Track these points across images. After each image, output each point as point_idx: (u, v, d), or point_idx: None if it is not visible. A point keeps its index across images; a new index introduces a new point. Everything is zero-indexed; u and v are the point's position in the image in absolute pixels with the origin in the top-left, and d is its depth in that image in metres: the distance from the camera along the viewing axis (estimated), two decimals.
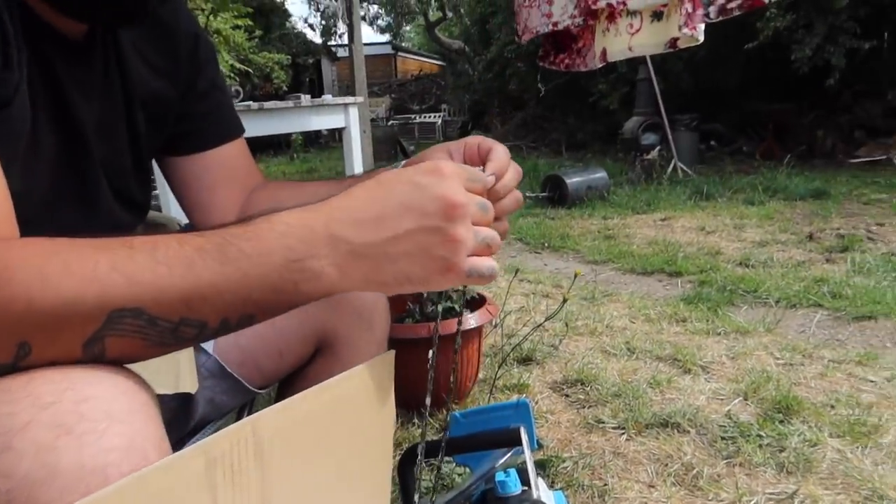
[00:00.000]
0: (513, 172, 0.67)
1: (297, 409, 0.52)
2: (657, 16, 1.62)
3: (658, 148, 6.36)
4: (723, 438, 1.64)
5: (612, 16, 1.77)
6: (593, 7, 1.73)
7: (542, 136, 10.17)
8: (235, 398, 0.95)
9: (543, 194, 5.43)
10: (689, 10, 1.46)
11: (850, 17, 6.20)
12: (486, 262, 0.52)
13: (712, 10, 1.45)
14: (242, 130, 0.99)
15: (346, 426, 0.58)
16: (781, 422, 1.70)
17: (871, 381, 1.94)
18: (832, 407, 1.78)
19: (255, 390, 0.95)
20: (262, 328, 0.93)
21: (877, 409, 1.76)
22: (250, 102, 2.61)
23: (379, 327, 1.03)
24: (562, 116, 10.19)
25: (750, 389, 1.88)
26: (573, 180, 5.27)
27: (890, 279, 2.89)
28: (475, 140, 0.82)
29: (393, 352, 0.65)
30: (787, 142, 7.23)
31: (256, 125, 2.62)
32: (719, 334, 2.37)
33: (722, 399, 1.86)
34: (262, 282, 0.49)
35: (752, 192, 5.19)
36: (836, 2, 5.93)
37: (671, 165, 6.24)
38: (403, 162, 0.92)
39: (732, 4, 1.41)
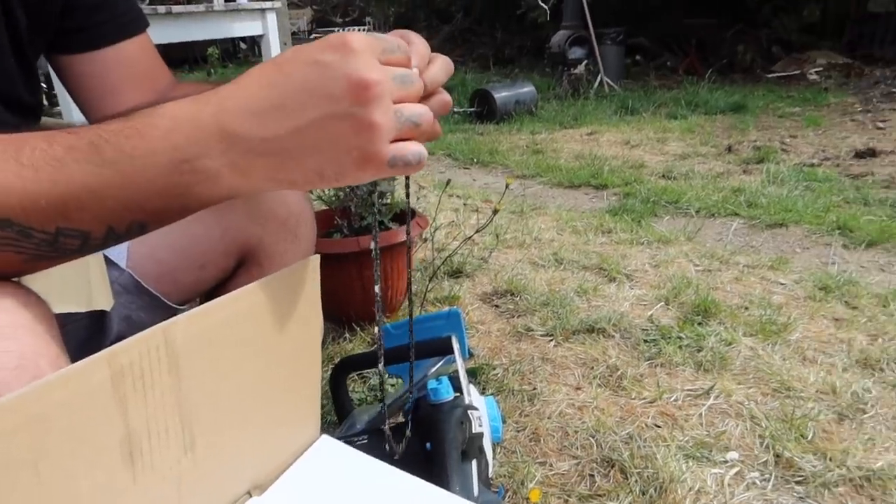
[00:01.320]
0: (441, 63, 0.53)
1: (214, 316, 0.48)
2: None
3: (585, 62, 6.34)
4: (645, 341, 1.70)
5: None
6: None
7: (469, 51, 9.96)
8: (154, 315, 0.90)
9: (472, 109, 5.36)
10: None
11: None
12: (410, 147, 0.45)
13: None
14: (145, 24, 0.89)
15: (268, 333, 0.55)
16: (700, 324, 1.77)
17: (782, 284, 2.05)
18: (746, 309, 1.87)
19: (175, 306, 0.91)
20: (179, 240, 0.88)
21: (786, 309, 1.86)
22: (157, 6, 2.40)
23: (305, 238, 0.99)
24: (490, 30, 9.97)
25: (671, 295, 1.96)
26: (501, 95, 5.21)
27: (801, 188, 3.02)
28: (396, 34, 0.77)
29: (317, 256, 0.62)
30: (709, 57, 7.33)
31: (164, 32, 2.42)
32: (643, 244, 2.43)
33: (645, 304, 1.93)
34: (148, 186, 0.43)
35: (675, 106, 5.27)
36: None
37: (598, 80, 6.25)
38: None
39: None
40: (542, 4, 7.15)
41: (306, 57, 0.43)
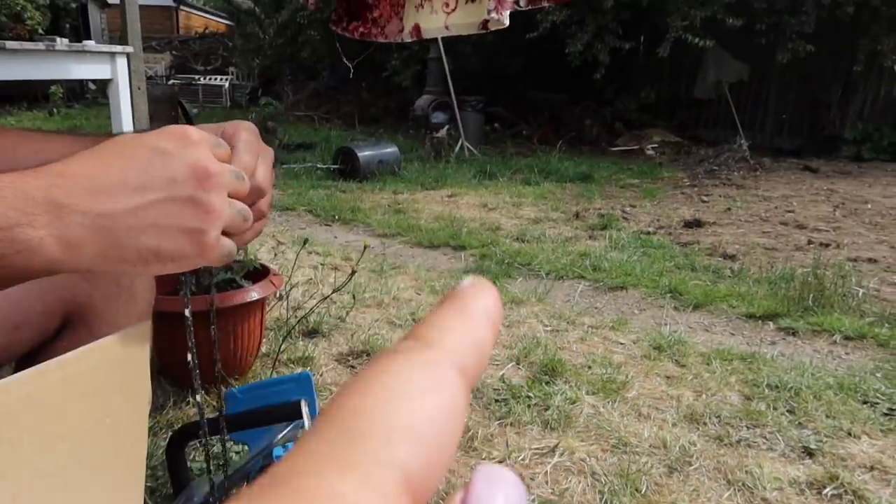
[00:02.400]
0: (266, 169, 0.54)
1: (23, 388, 0.45)
2: None
3: (447, 127, 6.59)
4: (496, 401, 1.75)
5: None
6: None
7: (335, 108, 10.05)
8: None
9: (335, 166, 5.38)
10: None
11: (614, 19, 6.89)
12: (228, 242, 0.47)
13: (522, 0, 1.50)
14: None
15: (86, 408, 0.51)
16: (547, 383, 1.85)
17: (622, 344, 2.20)
18: (589, 367, 1.98)
19: None
20: None
21: (624, 367, 1.99)
22: None
23: (141, 298, 0.94)
24: (355, 90, 10.14)
25: (522, 354, 2.03)
26: (365, 153, 5.27)
27: (639, 254, 3.29)
28: (232, 129, 0.78)
29: (148, 322, 0.59)
30: (561, 129, 7.89)
31: None
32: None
33: (497, 364, 1.99)
34: None
35: (530, 172, 5.59)
36: (604, 1, 6.55)
37: (459, 144, 6.51)
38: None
39: None
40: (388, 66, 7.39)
41: (148, 143, 0.44)
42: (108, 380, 0.53)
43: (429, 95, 7.14)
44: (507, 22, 1.59)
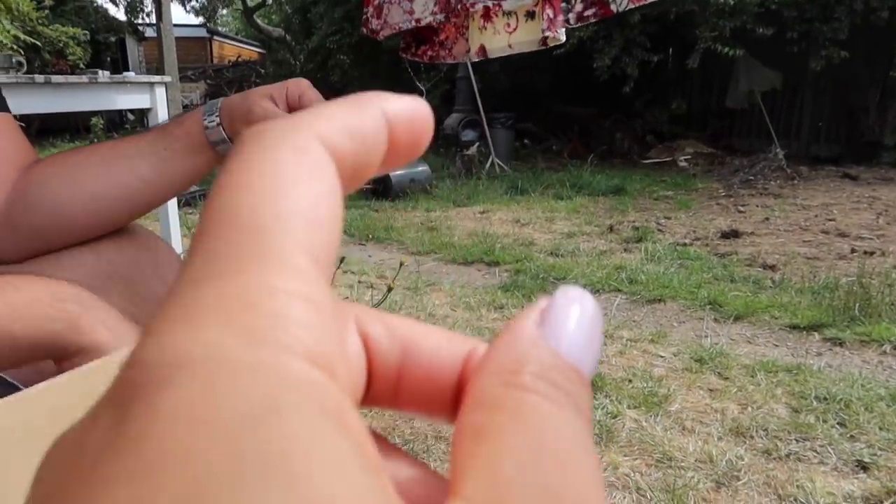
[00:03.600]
0: None
1: (47, 399, 0.45)
2: (530, 15, 1.68)
3: (477, 144, 6.62)
4: None
5: (487, 15, 1.81)
6: (471, 9, 1.75)
7: None
8: None
9: (368, 187, 5.42)
10: (551, 15, 1.54)
11: (642, 33, 6.86)
12: None
13: (571, 16, 1.54)
14: (5, 108, 0.86)
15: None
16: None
17: (661, 357, 2.16)
18: (630, 381, 1.95)
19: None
20: None
21: (666, 381, 1.96)
22: (35, 75, 2.29)
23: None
24: None
25: None
26: (397, 173, 5.31)
27: (675, 266, 3.24)
28: (297, 88, 0.80)
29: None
30: (591, 142, 7.86)
31: (43, 101, 2.30)
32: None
33: None
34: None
35: (561, 187, 5.57)
36: (631, 16, 6.54)
37: (489, 161, 6.52)
38: (219, 102, 0.84)
39: (588, 13, 1.51)
40: (419, 86, 7.46)
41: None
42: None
43: (458, 114, 7.18)
44: (563, 38, 1.61)
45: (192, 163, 0.82)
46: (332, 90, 11.73)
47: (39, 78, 2.24)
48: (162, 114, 2.63)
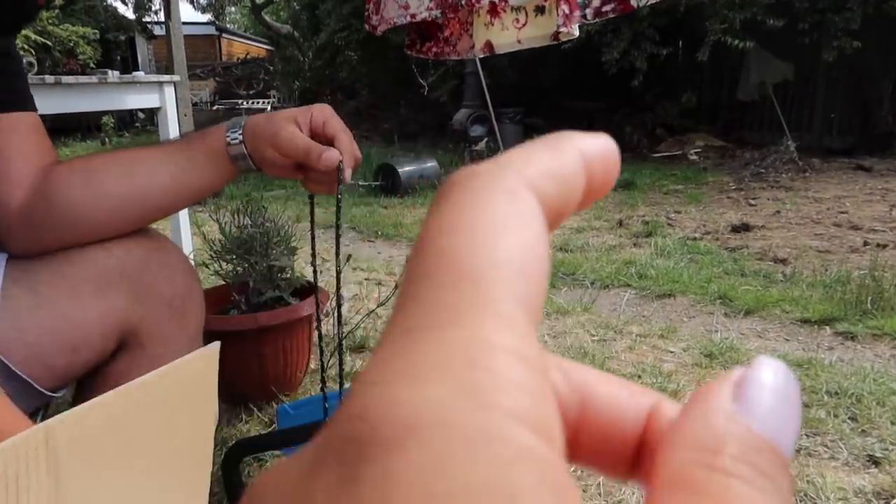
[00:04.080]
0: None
1: (101, 413, 0.46)
2: (540, 10, 1.67)
3: (486, 139, 6.61)
4: None
5: (494, 10, 1.80)
6: (476, 4, 1.75)
7: (375, 126, 10.17)
8: (22, 402, 0.84)
9: (376, 183, 5.43)
10: (567, 11, 1.53)
11: (650, 26, 6.82)
12: None
13: (588, 12, 1.53)
14: (31, 107, 0.88)
15: (157, 431, 0.52)
16: None
17: (671, 352, 2.15)
18: (639, 377, 1.95)
19: (47, 392, 0.85)
20: (51, 321, 0.84)
21: (675, 376, 1.95)
22: (45, 76, 2.31)
23: (193, 318, 0.96)
24: (394, 107, 10.25)
25: None
26: (405, 169, 5.32)
27: (686, 260, 3.23)
28: (321, 115, 0.81)
29: (217, 344, 0.61)
30: None
31: (54, 102, 2.32)
32: (543, 315, 2.50)
33: None
34: None
35: None
36: (640, 10, 6.50)
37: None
38: (243, 120, 0.86)
39: (607, 8, 1.50)
40: (421, 81, 7.45)
41: None
42: (179, 401, 0.55)
43: (466, 109, 7.17)
44: (577, 33, 1.61)
45: (211, 174, 0.85)
46: (340, 87, 11.74)
47: (49, 79, 2.26)
48: (171, 113, 2.65)
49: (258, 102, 13.68)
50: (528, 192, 0.14)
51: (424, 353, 0.12)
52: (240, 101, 13.85)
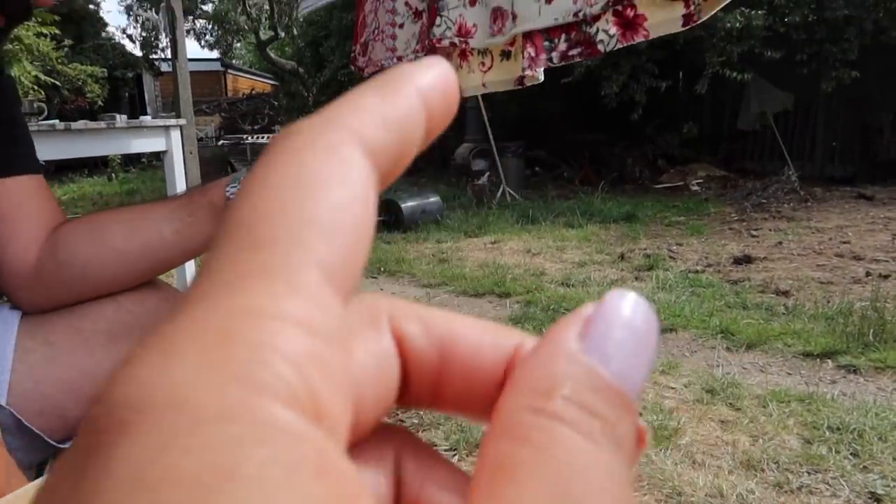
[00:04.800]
0: None
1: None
2: (505, 55, 1.71)
3: (488, 174, 6.66)
4: None
5: (463, 54, 1.85)
6: (437, 46, 1.79)
7: None
8: (32, 456, 0.86)
9: (379, 219, 5.47)
10: (532, 54, 1.56)
11: (649, 60, 6.92)
12: None
13: (555, 55, 1.55)
14: (41, 168, 0.92)
15: None
16: None
17: (672, 388, 2.15)
18: (640, 414, 1.93)
19: (58, 445, 0.86)
20: (66, 373, 0.86)
21: (676, 413, 1.95)
22: (55, 121, 2.37)
23: None
24: None
25: None
26: (408, 204, 5.36)
27: (687, 294, 3.23)
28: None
29: None
30: (602, 169, 7.88)
31: (63, 147, 2.38)
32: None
33: None
34: None
35: (572, 215, 5.58)
36: (638, 43, 6.59)
37: (500, 190, 6.56)
38: (243, 172, 0.90)
39: (573, 52, 1.53)
40: None
41: None
42: None
43: (468, 143, 7.25)
44: (541, 77, 1.64)
45: (212, 228, 0.88)
46: None
47: (59, 125, 2.32)
48: (177, 155, 2.70)
49: (263, 137, 13.84)
50: (351, 146, 0.13)
51: (186, 324, 0.11)
52: (245, 136, 14.01)
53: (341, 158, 0.13)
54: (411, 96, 0.15)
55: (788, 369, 2.32)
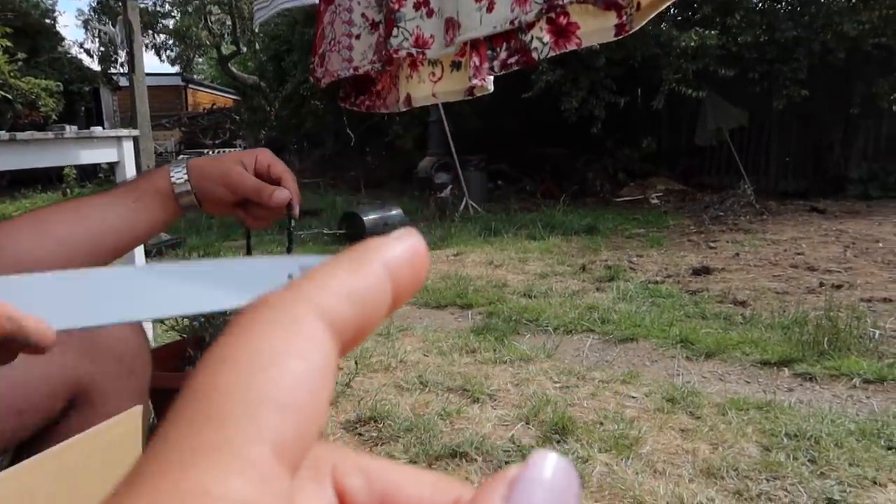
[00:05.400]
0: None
1: (22, 479, 0.44)
2: (456, 65, 1.71)
3: (450, 187, 6.67)
4: (506, 462, 1.70)
5: (413, 64, 1.84)
6: (394, 56, 1.79)
7: (340, 174, 10.21)
8: None
9: (340, 231, 5.42)
10: (477, 63, 1.57)
11: (607, 76, 7.03)
12: None
13: (496, 64, 1.56)
14: None
15: (82, 493, 0.50)
16: (558, 442, 1.81)
17: (633, 397, 2.15)
18: (601, 424, 1.94)
19: None
20: None
21: (637, 422, 1.94)
22: (1, 132, 2.28)
23: (142, 373, 0.95)
24: (360, 155, 10.32)
25: (531, 414, 1.99)
26: (370, 217, 5.33)
27: (647, 304, 3.26)
28: (265, 158, 0.86)
29: (139, 407, 0.59)
30: (563, 182, 7.96)
31: (10, 158, 2.28)
32: (505, 362, 2.49)
33: (507, 425, 1.95)
34: None
35: (534, 227, 5.61)
36: (596, 59, 6.71)
37: (463, 203, 6.56)
38: (186, 159, 0.88)
39: (511, 60, 1.53)
40: (350, 133, 7.50)
41: None
42: (102, 466, 0.52)
43: (431, 157, 7.25)
44: (491, 88, 1.64)
45: (158, 213, 0.88)
46: (306, 136, 11.80)
47: (4, 135, 2.22)
48: (130, 167, 2.62)
49: (224, 151, 13.65)
50: (315, 320, 0.14)
51: None
52: (206, 151, 13.81)
53: (304, 334, 0.14)
54: (378, 270, 0.16)
55: (747, 378, 2.34)
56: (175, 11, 18.28)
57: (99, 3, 17.86)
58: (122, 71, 15.43)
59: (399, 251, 0.17)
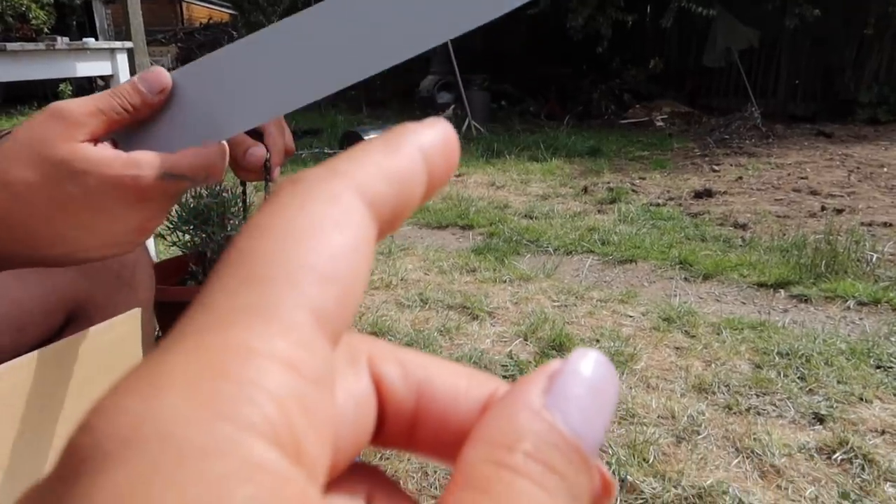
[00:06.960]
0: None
1: (20, 373, 0.45)
2: None
3: (453, 106, 6.56)
4: (504, 377, 1.75)
5: None
6: None
7: (341, 93, 10.00)
8: None
9: (341, 150, 5.38)
10: None
11: None
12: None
13: None
14: None
15: (78, 392, 0.52)
16: (555, 357, 1.85)
17: (630, 316, 2.19)
18: (598, 341, 1.98)
19: None
20: None
21: (633, 340, 1.99)
22: None
23: (142, 287, 0.95)
24: None
25: (529, 331, 2.03)
26: (370, 137, 5.26)
27: (648, 226, 3.26)
28: None
29: (138, 310, 0.60)
30: (568, 103, 7.81)
31: (0, 70, 2.25)
32: (505, 282, 2.52)
33: (505, 341, 1.99)
34: None
35: (537, 149, 5.55)
36: None
37: (466, 123, 6.47)
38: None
39: None
40: None
41: None
42: (99, 366, 0.54)
43: (433, 76, 7.10)
44: None
45: None
46: None
47: None
48: (125, 80, 2.57)
49: None
50: (353, 196, 0.14)
51: (177, 358, 0.11)
52: None
53: (343, 207, 0.14)
54: (413, 154, 0.16)
55: (743, 299, 2.37)
56: None
57: None
58: None
59: (433, 136, 0.16)
